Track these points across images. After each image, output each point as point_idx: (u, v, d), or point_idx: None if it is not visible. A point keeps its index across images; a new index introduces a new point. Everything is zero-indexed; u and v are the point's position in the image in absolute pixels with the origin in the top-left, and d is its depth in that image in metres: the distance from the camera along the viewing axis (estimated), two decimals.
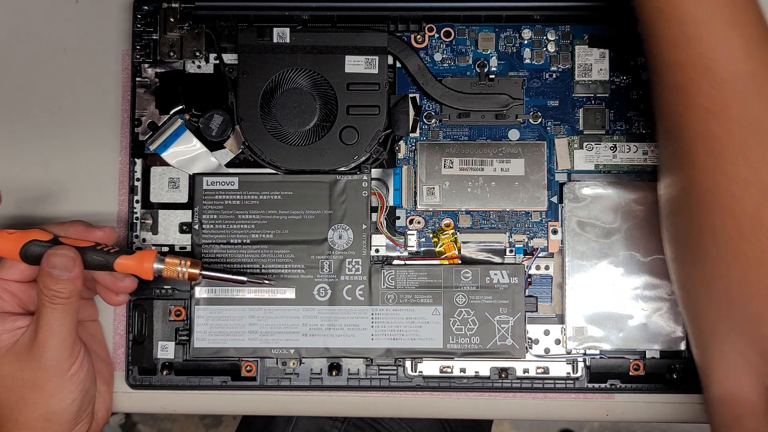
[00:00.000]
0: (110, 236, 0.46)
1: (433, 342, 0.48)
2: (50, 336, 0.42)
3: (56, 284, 0.42)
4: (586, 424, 1.17)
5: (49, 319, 0.42)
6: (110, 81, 0.52)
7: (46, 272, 0.42)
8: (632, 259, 0.48)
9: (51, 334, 0.42)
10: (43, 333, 0.42)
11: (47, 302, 0.42)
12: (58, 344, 0.42)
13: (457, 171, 0.49)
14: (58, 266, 0.42)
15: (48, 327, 0.42)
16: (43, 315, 0.42)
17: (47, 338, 0.42)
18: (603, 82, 0.50)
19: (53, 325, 0.42)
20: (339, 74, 0.48)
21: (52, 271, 0.42)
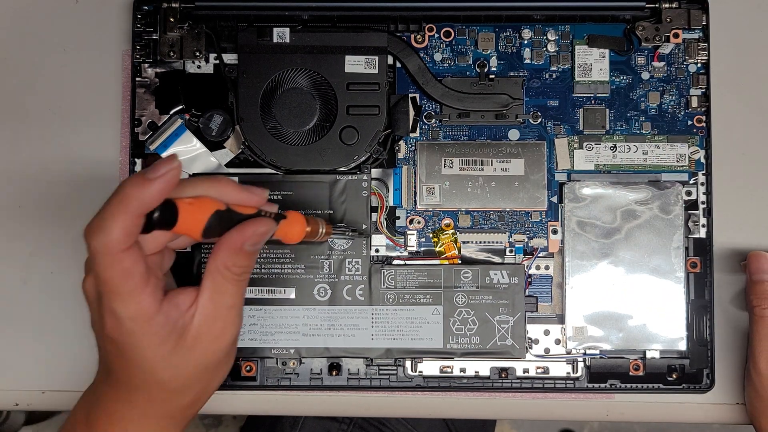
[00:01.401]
0: (265, 198, 0.40)
1: (433, 342, 0.48)
2: (236, 315, 0.39)
3: (248, 260, 0.38)
4: (586, 424, 1.17)
5: (235, 295, 0.39)
6: (110, 81, 0.52)
7: (238, 248, 0.37)
8: (632, 259, 0.48)
9: (236, 312, 0.39)
10: (227, 312, 0.39)
11: (234, 279, 0.38)
12: (238, 320, 0.40)
13: (457, 171, 0.49)
14: (255, 241, 0.38)
15: (232, 304, 0.39)
16: (227, 291, 0.38)
17: (233, 317, 0.39)
18: (603, 82, 0.50)
19: (237, 301, 0.39)
20: (339, 74, 0.48)
21: (247, 247, 0.38)
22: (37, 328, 0.51)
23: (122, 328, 0.36)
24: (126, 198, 0.34)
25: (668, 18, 0.49)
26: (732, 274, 0.50)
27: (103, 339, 0.38)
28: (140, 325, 0.36)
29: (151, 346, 0.37)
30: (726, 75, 0.51)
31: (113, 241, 0.34)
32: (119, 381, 0.39)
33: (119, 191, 0.35)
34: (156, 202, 0.35)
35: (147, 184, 0.34)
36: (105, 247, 0.34)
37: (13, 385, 0.51)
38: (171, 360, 0.37)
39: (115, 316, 0.36)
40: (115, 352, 0.38)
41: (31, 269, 0.51)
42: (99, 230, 0.34)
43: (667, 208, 0.48)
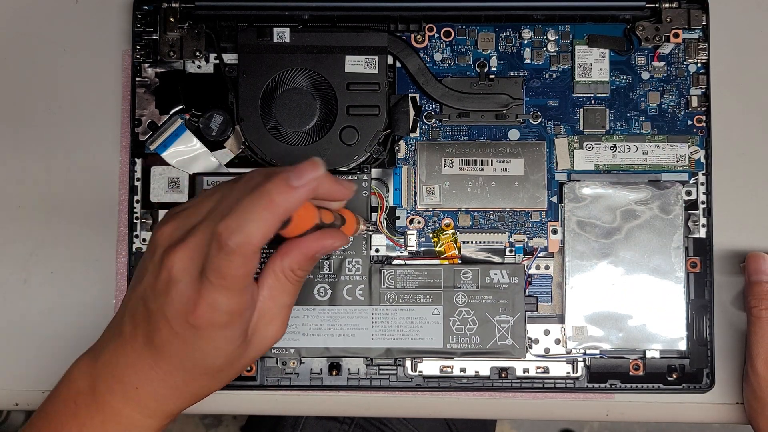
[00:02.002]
0: (352, 191, 0.40)
1: (433, 342, 0.48)
2: (288, 316, 0.40)
3: (312, 265, 0.39)
4: (586, 424, 1.17)
5: (293, 295, 0.39)
6: (110, 81, 0.52)
7: (311, 255, 0.38)
8: (632, 259, 0.48)
9: (289, 313, 0.40)
10: (285, 311, 0.39)
11: (297, 281, 0.38)
12: (287, 320, 0.40)
13: (457, 171, 0.49)
14: (327, 252, 0.39)
15: (289, 303, 0.39)
16: (287, 291, 0.39)
17: (286, 317, 0.39)
18: (603, 82, 0.50)
19: (293, 301, 0.39)
20: (339, 74, 0.48)
21: (318, 255, 0.38)
22: (37, 328, 0.51)
23: (216, 318, 0.35)
24: (271, 204, 0.34)
25: (668, 18, 0.49)
26: (732, 274, 0.50)
27: (172, 319, 0.36)
28: (233, 319, 0.36)
29: (229, 338, 0.37)
30: (726, 75, 0.51)
31: (252, 244, 0.34)
32: (162, 358, 0.37)
33: (263, 195, 0.34)
34: (296, 209, 0.35)
35: (292, 192, 0.34)
36: (242, 248, 0.34)
37: (13, 385, 0.51)
38: (233, 352, 0.37)
39: (214, 307, 0.35)
40: (183, 335, 0.36)
41: (31, 269, 0.51)
42: (239, 231, 0.34)
43: (667, 208, 0.48)
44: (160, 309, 0.36)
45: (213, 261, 0.35)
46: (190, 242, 0.35)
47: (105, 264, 0.51)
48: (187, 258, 0.35)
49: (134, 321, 0.37)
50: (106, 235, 0.51)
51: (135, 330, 0.37)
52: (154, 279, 0.36)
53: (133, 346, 0.37)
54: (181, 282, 0.36)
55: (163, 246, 0.37)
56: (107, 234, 0.51)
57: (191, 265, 0.35)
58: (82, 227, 0.51)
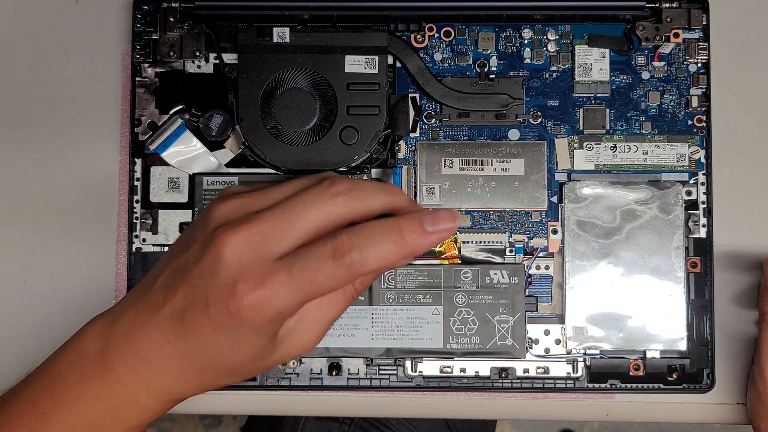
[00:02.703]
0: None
1: (433, 342, 0.48)
2: (327, 330, 0.38)
3: (372, 281, 0.38)
4: (586, 424, 1.17)
5: (341, 310, 0.38)
6: (110, 81, 0.52)
7: (381, 270, 0.37)
8: (632, 259, 0.48)
9: (329, 327, 0.38)
10: (326, 324, 0.38)
11: (351, 296, 0.37)
12: (324, 335, 0.39)
13: (457, 171, 0.49)
14: (400, 265, 0.38)
15: (333, 317, 0.38)
16: (337, 304, 0.37)
17: (324, 331, 0.38)
18: (603, 81, 0.50)
19: (337, 316, 0.38)
20: (339, 74, 0.48)
21: (385, 271, 0.38)
22: (36, 328, 0.51)
23: (262, 314, 0.34)
24: (400, 241, 0.34)
25: (668, 18, 0.49)
26: (732, 274, 0.50)
27: (213, 300, 0.34)
28: (278, 319, 0.35)
29: (263, 335, 0.35)
30: (726, 75, 0.51)
31: (363, 270, 0.34)
32: (185, 338, 0.35)
33: (394, 228, 0.34)
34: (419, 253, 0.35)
35: (423, 236, 0.34)
36: (353, 268, 0.34)
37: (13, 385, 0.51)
38: (259, 351, 0.36)
39: (269, 302, 0.33)
40: (217, 320, 0.34)
41: (31, 269, 0.51)
42: (359, 250, 0.34)
43: (667, 208, 0.48)
44: (203, 287, 0.34)
45: (312, 262, 0.33)
46: (252, 228, 0.34)
47: (105, 264, 0.51)
48: (245, 242, 0.34)
49: (168, 290, 0.35)
50: (105, 236, 0.51)
51: (165, 300, 0.35)
52: (200, 253, 0.34)
53: (158, 317, 0.35)
54: (231, 266, 0.34)
55: (218, 222, 0.35)
56: (107, 234, 0.51)
57: (247, 250, 0.34)
58: (82, 227, 0.51)
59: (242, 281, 0.33)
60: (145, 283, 0.37)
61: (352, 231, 0.34)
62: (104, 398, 0.36)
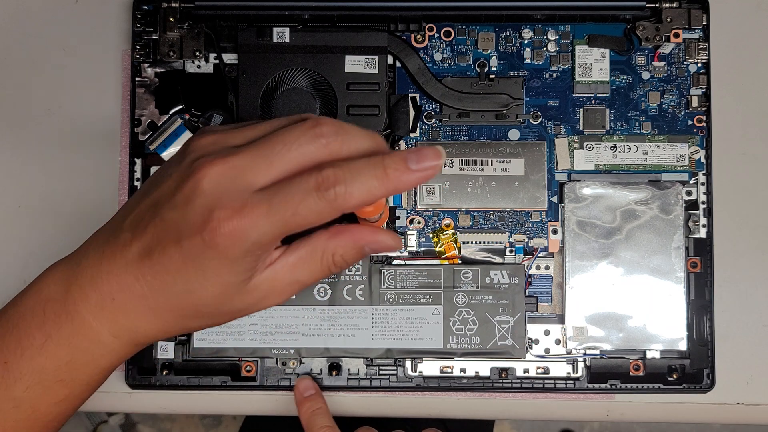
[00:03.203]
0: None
1: (433, 342, 0.48)
2: (293, 293, 0.37)
3: (354, 259, 0.37)
4: (586, 424, 1.17)
5: (312, 278, 0.37)
6: (110, 81, 0.52)
7: (361, 246, 0.37)
8: (632, 259, 0.48)
9: (296, 291, 0.38)
10: (296, 286, 0.37)
11: (327, 267, 0.37)
12: (289, 297, 0.38)
13: (457, 171, 0.49)
14: (378, 251, 0.38)
15: (304, 282, 0.37)
16: (312, 270, 0.36)
17: (291, 293, 0.37)
18: (603, 81, 0.50)
19: (308, 282, 0.37)
20: (339, 74, 0.48)
21: (367, 250, 0.37)
22: None
23: (239, 243, 0.33)
24: (383, 177, 0.33)
25: (668, 18, 0.49)
26: (732, 274, 0.50)
27: (186, 231, 0.33)
28: (254, 252, 0.34)
29: (234, 271, 0.34)
30: (726, 75, 0.51)
31: (347, 204, 0.33)
32: (153, 273, 0.34)
33: (377, 164, 0.33)
34: (401, 191, 0.34)
35: (407, 174, 0.34)
36: (336, 201, 0.33)
37: None
38: (228, 290, 0.35)
39: (246, 231, 0.32)
40: (189, 252, 0.33)
41: (32, 269, 0.51)
42: (342, 184, 0.33)
43: (668, 208, 0.48)
44: (176, 219, 0.33)
45: (294, 194, 0.33)
46: (230, 160, 0.33)
47: None
48: (223, 173, 0.33)
49: (136, 228, 0.34)
50: None
51: (134, 238, 0.34)
52: (176, 186, 0.34)
53: (125, 254, 0.34)
54: (208, 195, 0.33)
55: (196, 154, 0.34)
56: None
57: (225, 181, 0.33)
58: (82, 227, 0.51)
59: (219, 209, 0.32)
60: (111, 224, 0.36)
61: (337, 165, 0.33)
62: (71, 341, 0.36)
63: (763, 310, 0.50)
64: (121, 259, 0.35)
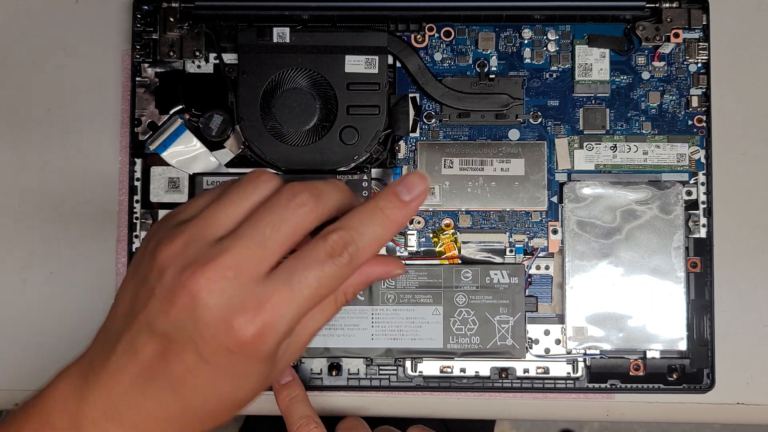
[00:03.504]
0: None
1: (433, 342, 0.48)
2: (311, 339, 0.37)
3: (360, 290, 0.37)
4: (586, 424, 1.17)
5: (328, 319, 0.36)
6: (110, 81, 0.52)
7: (370, 281, 0.36)
8: (632, 259, 0.48)
9: (316, 331, 0.36)
10: (314, 335, 0.36)
11: (342, 303, 0.36)
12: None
13: (457, 171, 0.49)
14: (394, 275, 0.38)
15: (321, 326, 0.36)
16: (328, 312, 0.35)
17: (309, 341, 0.36)
18: (603, 81, 0.50)
19: (323, 324, 0.36)
20: (339, 74, 0.48)
21: (378, 280, 0.37)
22: (36, 328, 0.51)
23: (268, 340, 0.31)
24: (386, 221, 0.33)
25: (668, 18, 0.49)
26: (732, 274, 0.50)
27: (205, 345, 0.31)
28: (284, 338, 0.32)
29: (266, 360, 0.32)
30: (726, 75, 0.51)
31: (363, 260, 0.33)
32: (180, 394, 0.32)
33: (376, 211, 0.33)
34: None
35: (404, 207, 0.33)
36: (354, 261, 0.32)
37: (13, 385, 0.51)
38: (262, 376, 0.33)
39: (273, 326, 0.31)
40: (216, 363, 0.31)
41: (31, 269, 0.51)
42: (353, 243, 0.32)
43: (668, 208, 0.48)
44: (187, 338, 0.31)
45: (310, 269, 0.32)
46: (221, 261, 0.31)
47: (105, 264, 0.51)
48: (220, 279, 0.31)
49: (137, 354, 0.32)
50: (105, 235, 0.51)
51: (138, 363, 0.32)
52: (168, 305, 0.31)
53: (138, 388, 0.32)
54: (217, 307, 0.30)
55: (174, 267, 0.31)
56: (107, 234, 0.51)
57: (226, 286, 0.31)
58: (82, 227, 0.51)
59: (237, 316, 0.31)
60: (102, 349, 0.33)
61: (341, 227, 0.33)
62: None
63: (763, 310, 0.50)
64: (138, 389, 0.32)
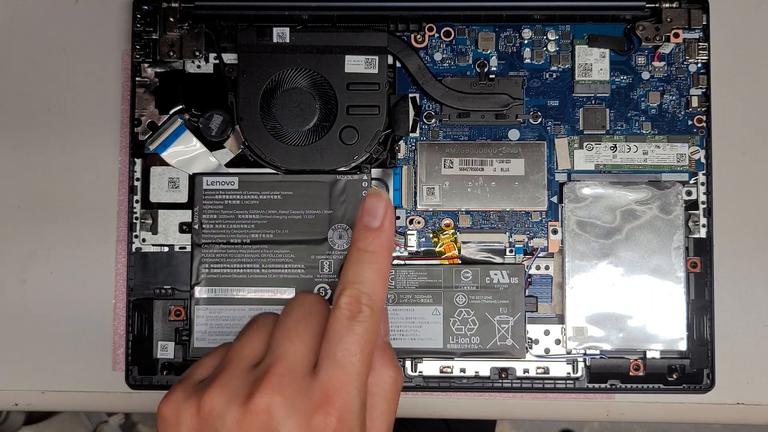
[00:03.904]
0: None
1: (433, 342, 0.48)
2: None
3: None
4: (586, 424, 1.17)
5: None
6: (110, 81, 0.52)
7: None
8: (632, 259, 0.48)
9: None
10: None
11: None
12: None
13: (457, 171, 0.49)
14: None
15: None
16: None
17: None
18: (603, 81, 0.50)
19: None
20: (339, 74, 0.48)
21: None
22: (37, 328, 0.51)
23: (353, 415, 0.31)
24: (374, 257, 0.33)
25: (668, 18, 0.49)
26: (732, 274, 0.50)
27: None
28: (365, 399, 0.33)
29: (361, 423, 0.32)
30: (726, 75, 0.51)
31: (381, 302, 0.33)
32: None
33: (361, 255, 0.33)
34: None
35: (379, 232, 0.34)
36: (375, 307, 0.33)
37: (12, 385, 0.51)
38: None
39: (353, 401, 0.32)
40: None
41: (31, 269, 0.51)
42: (366, 295, 0.33)
43: (668, 208, 0.48)
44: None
45: (346, 341, 0.32)
46: (272, 375, 0.31)
47: (105, 264, 0.51)
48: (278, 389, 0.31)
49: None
50: (105, 235, 0.51)
51: None
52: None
53: None
54: (290, 415, 0.30)
55: (230, 406, 0.31)
56: (107, 234, 0.51)
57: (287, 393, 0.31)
58: (82, 227, 0.51)
59: (312, 416, 0.31)
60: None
61: (343, 289, 0.33)
62: None
63: (763, 310, 0.50)
64: None
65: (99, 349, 0.50)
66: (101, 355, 0.50)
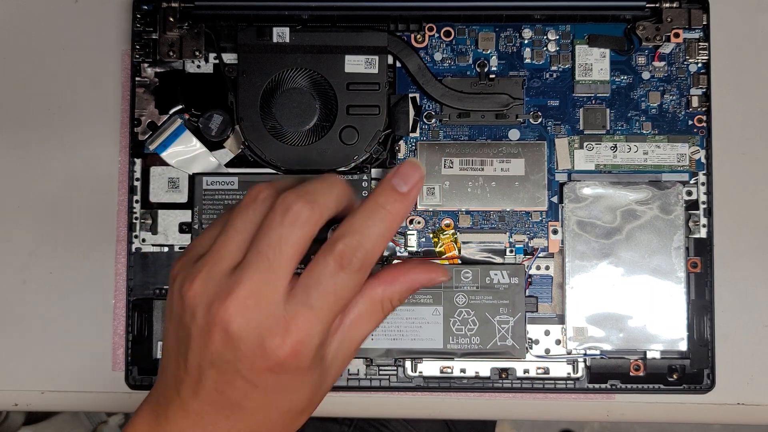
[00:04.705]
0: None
1: (433, 342, 0.48)
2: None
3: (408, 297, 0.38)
4: (587, 424, 1.17)
5: (376, 326, 0.37)
6: (110, 81, 0.52)
7: (416, 287, 0.37)
8: (632, 259, 0.48)
9: (364, 339, 0.38)
10: (363, 341, 0.37)
11: (388, 311, 0.37)
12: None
13: (457, 171, 0.49)
14: (438, 282, 0.38)
15: (369, 333, 0.37)
16: (375, 320, 0.37)
17: (359, 347, 0.38)
18: (603, 81, 0.50)
19: (372, 331, 0.38)
20: (339, 74, 0.48)
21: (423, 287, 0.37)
22: (37, 328, 0.51)
23: (304, 356, 0.33)
24: (388, 217, 0.33)
25: (669, 18, 0.49)
26: (732, 274, 0.50)
27: (249, 374, 0.33)
28: (321, 350, 0.34)
29: (314, 371, 0.34)
30: (726, 75, 0.51)
31: (374, 261, 0.33)
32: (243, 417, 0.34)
33: (376, 208, 0.33)
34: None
35: (403, 199, 0.34)
36: (366, 265, 0.33)
37: (12, 385, 0.51)
38: (316, 386, 0.35)
39: (305, 343, 0.33)
40: (264, 386, 0.33)
41: (31, 269, 0.51)
42: (360, 248, 0.33)
43: (668, 208, 0.48)
44: (231, 369, 0.33)
45: (325, 284, 0.33)
46: (238, 292, 0.32)
47: (104, 264, 0.51)
48: (242, 309, 0.32)
49: (195, 391, 0.34)
50: (105, 235, 0.51)
51: (198, 399, 0.34)
52: (208, 342, 0.33)
53: (205, 417, 0.34)
54: (248, 335, 0.32)
55: (202, 305, 0.33)
56: (106, 234, 0.51)
57: (250, 313, 0.32)
58: (82, 227, 0.51)
59: (268, 340, 0.32)
60: (165, 387, 0.35)
61: (345, 234, 0.33)
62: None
63: (763, 310, 0.50)
64: (208, 423, 0.34)
65: (99, 349, 0.50)
66: (101, 355, 0.50)
